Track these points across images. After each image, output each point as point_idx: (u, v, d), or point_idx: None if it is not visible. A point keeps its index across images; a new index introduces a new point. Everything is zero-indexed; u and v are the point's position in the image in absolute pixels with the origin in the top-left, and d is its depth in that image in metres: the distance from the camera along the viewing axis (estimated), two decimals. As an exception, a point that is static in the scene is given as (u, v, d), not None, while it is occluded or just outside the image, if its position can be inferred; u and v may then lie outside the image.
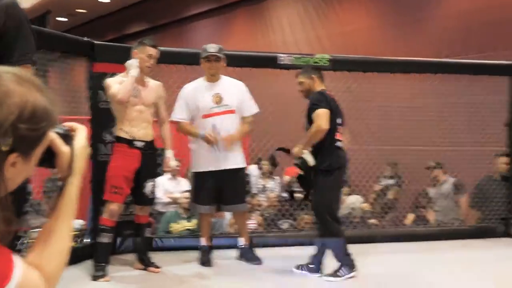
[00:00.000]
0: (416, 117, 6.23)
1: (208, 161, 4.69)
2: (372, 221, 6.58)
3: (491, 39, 8.25)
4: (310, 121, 4.33)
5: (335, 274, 4.32)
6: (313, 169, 4.33)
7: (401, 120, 6.30)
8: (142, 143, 4.40)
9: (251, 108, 4.85)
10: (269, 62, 5.66)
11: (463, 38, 8.62)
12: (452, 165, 6.73)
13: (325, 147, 4.32)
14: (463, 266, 4.91)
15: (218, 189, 4.73)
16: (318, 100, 4.34)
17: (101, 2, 16.08)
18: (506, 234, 6.18)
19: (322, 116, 4.26)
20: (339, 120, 4.43)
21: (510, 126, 6.28)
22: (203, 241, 4.83)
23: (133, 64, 4.35)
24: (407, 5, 9.85)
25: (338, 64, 5.77)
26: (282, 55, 5.67)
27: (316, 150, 4.33)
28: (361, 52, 8.28)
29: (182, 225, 5.77)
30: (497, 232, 6.20)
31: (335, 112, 4.37)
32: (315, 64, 5.49)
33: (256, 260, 4.82)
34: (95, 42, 5.04)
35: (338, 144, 4.40)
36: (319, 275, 4.41)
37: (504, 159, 6.36)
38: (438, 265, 4.93)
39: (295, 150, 4.37)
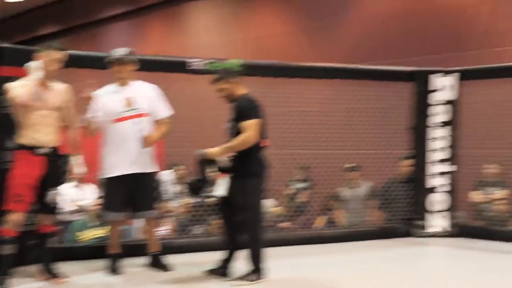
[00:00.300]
0: (327, 121, 6.39)
1: (118, 165, 4.62)
2: (284, 224, 6.68)
3: (406, 45, 8.56)
4: (237, 127, 4.28)
5: (245, 278, 4.34)
6: (227, 171, 4.33)
7: (312, 124, 6.45)
8: (46, 150, 4.27)
9: (165, 110, 4.81)
10: (178, 66, 5.61)
11: (379, 43, 8.87)
12: (362, 168, 6.94)
13: (252, 154, 4.32)
14: (366, 266, 5.10)
15: (129, 195, 4.66)
16: (249, 108, 4.29)
17: (9, 1, 15.42)
18: (408, 234, 6.47)
19: (253, 127, 4.23)
20: (265, 127, 4.44)
21: (414, 130, 6.58)
22: (112, 249, 4.75)
23: (35, 67, 4.21)
24: (322, 10, 9.99)
25: (249, 70, 5.78)
26: (191, 60, 5.63)
27: (242, 156, 4.30)
28: (276, 57, 8.39)
29: (93, 233, 5.64)
30: (400, 232, 6.48)
31: (263, 120, 4.37)
32: (227, 69, 5.50)
33: (165, 267, 4.79)
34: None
35: (263, 150, 4.43)
36: (229, 279, 4.43)
37: (408, 162, 6.66)
38: (344, 266, 5.09)
39: (212, 151, 4.31)
